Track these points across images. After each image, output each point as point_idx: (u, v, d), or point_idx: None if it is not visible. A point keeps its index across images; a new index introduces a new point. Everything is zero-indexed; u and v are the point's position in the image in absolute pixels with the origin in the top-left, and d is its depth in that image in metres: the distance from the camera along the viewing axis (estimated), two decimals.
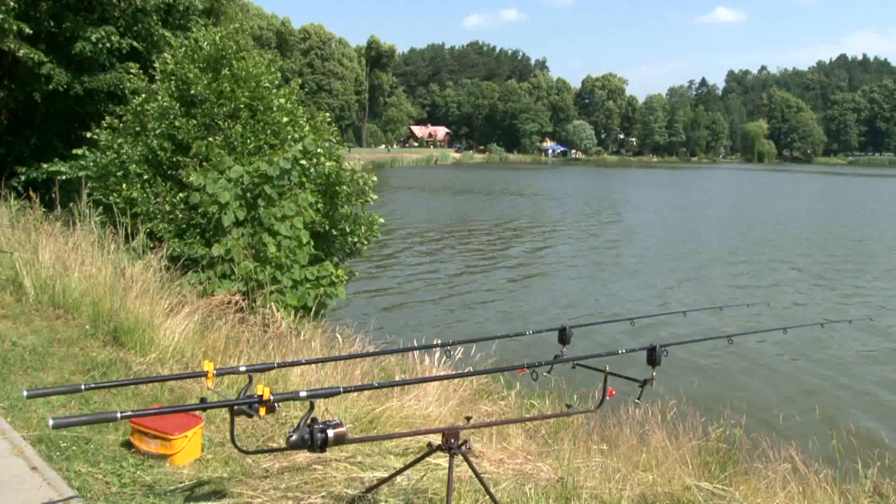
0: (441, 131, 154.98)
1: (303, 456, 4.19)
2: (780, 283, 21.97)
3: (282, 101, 10.86)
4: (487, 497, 3.58)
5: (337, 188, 10.15)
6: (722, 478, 5.01)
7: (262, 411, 2.57)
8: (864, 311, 18.06)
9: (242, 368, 3.06)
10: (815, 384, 12.47)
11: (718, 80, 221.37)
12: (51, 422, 2.19)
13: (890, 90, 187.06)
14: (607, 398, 3.47)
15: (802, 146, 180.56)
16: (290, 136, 10.30)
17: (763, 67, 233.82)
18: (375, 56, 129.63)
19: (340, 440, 2.72)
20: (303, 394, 2.65)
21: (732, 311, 15.83)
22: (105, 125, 11.18)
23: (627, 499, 4.18)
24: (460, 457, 3.16)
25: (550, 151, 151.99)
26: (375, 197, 11.02)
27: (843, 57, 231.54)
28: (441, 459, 3.94)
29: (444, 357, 6.70)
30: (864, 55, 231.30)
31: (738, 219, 43.69)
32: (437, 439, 3.21)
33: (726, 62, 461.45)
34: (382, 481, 3.83)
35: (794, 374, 12.97)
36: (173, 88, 10.53)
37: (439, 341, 4.66)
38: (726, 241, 32.15)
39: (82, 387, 2.65)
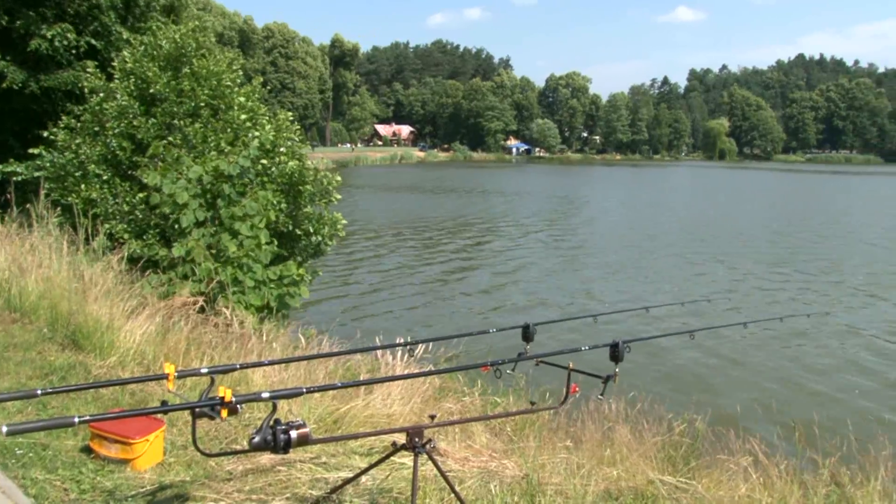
0: (405, 130, 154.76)
1: (267, 457, 4.16)
2: (740, 278, 22.28)
3: (242, 99, 10.75)
4: (453, 495, 3.57)
5: (300, 188, 10.08)
6: (685, 471, 5.06)
7: (224, 413, 2.53)
8: (822, 306, 18.42)
9: (204, 370, 3.02)
10: (775, 377, 12.67)
11: (680, 79, 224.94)
12: (4, 428, 2.14)
13: (846, 89, 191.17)
14: (571, 395, 3.49)
15: (763, 144, 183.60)
16: (250, 135, 10.19)
17: (724, 66, 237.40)
18: (339, 55, 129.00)
19: (304, 441, 2.69)
20: (265, 395, 2.62)
21: (694, 306, 16.01)
22: (62, 125, 10.98)
23: (592, 494, 4.21)
24: (425, 456, 3.16)
25: (514, 150, 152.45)
26: (339, 197, 10.96)
27: (800, 56, 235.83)
28: (406, 458, 3.94)
29: (409, 356, 6.69)
30: (821, 55, 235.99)
31: (699, 215, 44.24)
32: (401, 438, 3.20)
33: (688, 61, 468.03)
34: (347, 481, 3.81)
35: (754, 367, 13.15)
36: (132, 87, 10.38)
37: (403, 340, 4.65)
38: (688, 238, 32.52)
39: (38, 392, 2.59)
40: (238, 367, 3.30)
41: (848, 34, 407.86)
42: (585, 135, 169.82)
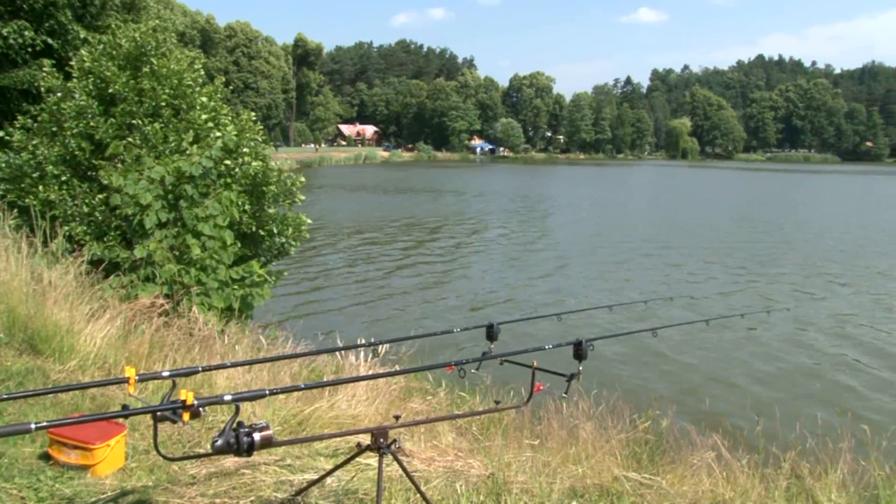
0: (369, 130, 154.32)
1: (231, 461, 4.12)
2: (703, 276, 22.59)
3: (204, 99, 10.62)
4: (418, 495, 3.57)
5: (264, 188, 10.00)
6: (650, 468, 5.12)
7: (186, 417, 2.50)
8: (783, 302, 18.72)
9: (166, 373, 2.97)
10: (737, 373, 12.86)
11: (643, 79, 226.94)
12: None
13: (804, 89, 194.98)
14: (536, 393, 3.51)
15: (724, 143, 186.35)
16: (212, 135, 10.08)
17: (686, 66, 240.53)
18: (302, 54, 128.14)
19: (267, 443, 2.67)
20: (228, 397, 2.60)
21: (657, 304, 16.19)
22: (18, 125, 10.76)
23: (558, 492, 4.23)
24: (390, 456, 3.15)
25: (479, 150, 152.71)
26: (303, 198, 10.89)
27: (760, 57, 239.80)
28: (371, 459, 3.92)
29: (373, 356, 6.67)
30: (780, 56, 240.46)
31: (663, 214, 44.73)
32: (366, 439, 3.19)
33: (650, 61, 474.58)
34: (312, 483, 3.79)
35: (717, 363, 13.34)
36: (91, 87, 10.19)
37: (367, 340, 4.63)
38: (651, 236, 32.85)
39: None
40: (200, 369, 3.27)
41: (804, 36, 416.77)
42: (549, 134, 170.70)
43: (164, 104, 10.19)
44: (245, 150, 10.12)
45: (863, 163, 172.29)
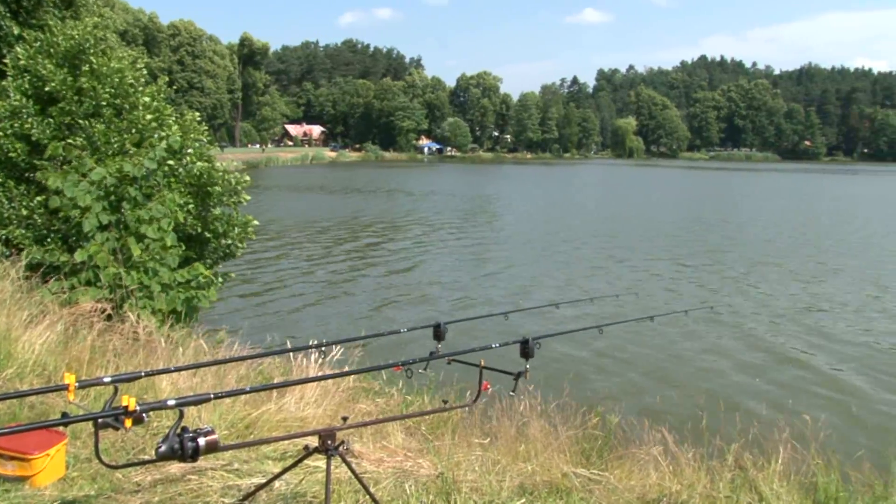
0: (316, 130, 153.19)
1: (176, 467, 4.05)
2: (648, 273, 22.91)
3: (147, 99, 10.42)
4: (368, 497, 3.56)
5: (209, 189, 9.86)
6: (599, 463, 5.19)
7: (129, 423, 2.45)
8: (725, 298, 19.13)
9: (107, 379, 2.91)
10: (682, 368, 13.09)
11: (589, 79, 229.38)
12: None
13: (745, 90, 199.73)
14: (484, 392, 3.52)
15: (669, 142, 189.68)
16: (156, 136, 9.89)
17: (631, 66, 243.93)
18: (248, 54, 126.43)
19: (213, 448, 2.64)
20: (171, 402, 2.56)
21: (603, 301, 16.37)
22: None
23: (507, 490, 4.26)
24: (338, 458, 3.13)
25: (426, 149, 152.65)
26: (248, 198, 10.75)
27: (703, 58, 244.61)
28: (319, 462, 3.90)
29: (321, 358, 6.63)
30: (722, 57, 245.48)
31: (608, 212, 45.29)
32: (313, 441, 3.17)
33: (596, 61, 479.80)
34: (260, 487, 3.75)
35: (663, 359, 13.55)
36: (26, 86, 9.92)
37: (316, 342, 4.60)
38: (598, 234, 33.21)
39: None
40: (143, 374, 3.21)
41: (744, 37, 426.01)
42: (497, 134, 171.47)
43: (104, 104, 9.96)
44: (190, 150, 9.96)
45: (801, 161, 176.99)
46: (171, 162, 9.13)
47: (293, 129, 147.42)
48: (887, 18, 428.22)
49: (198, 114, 11.55)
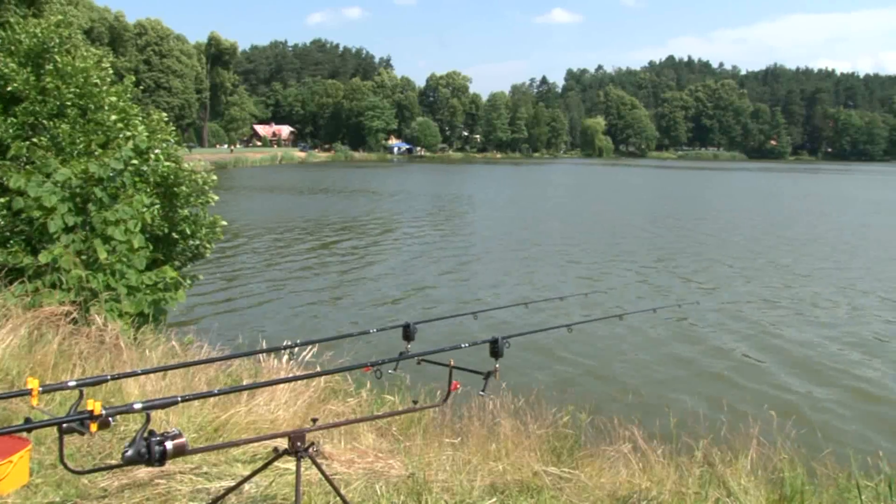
0: (285, 130, 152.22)
1: (144, 471, 4.00)
2: (617, 272, 23.09)
3: (112, 99, 10.29)
4: (338, 498, 3.55)
5: (175, 189, 9.76)
6: (569, 461, 5.21)
7: (94, 427, 2.42)
8: (695, 295, 19.33)
9: (72, 383, 2.86)
10: (652, 366, 13.20)
11: (558, 79, 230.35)
12: None
13: (712, 90, 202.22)
14: (454, 391, 3.52)
15: (637, 141, 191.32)
16: (121, 136, 9.77)
17: (600, 67, 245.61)
18: (216, 53, 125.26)
19: (181, 451, 2.61)
20: (138, 406, 2.52)
21: (573, 300, 16.50)
22: None
23: (478, 489, 4.27)
24: (308, 460, 3.12)
25: (396, 149, 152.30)
26: (216, 197, 10.66)
27: (671, 58, 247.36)
28: (290, 464, 3.87)
29: (291, 359, 6.59)
30: (689, 57, 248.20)
31: (578, 210, 45.55)
32: (283, 443, 3.15)
33: (565, 61, 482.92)
34: (229, 490, 3.71)
35: (632, 357, 13.66)
36: None
37: (286, 343, 4.58)
38: (567, 232, 33.41)
39: None
40: (109, 378, 3.16)
41: (711, 38, 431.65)
42: (466, 134, 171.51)
43: (69, 104, 9.83)
44: (157, 151, 9.85)
45: (768, 160, 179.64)
46: (135, 161, 9.02)
47: (262, 130, 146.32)
48: (847, 21, 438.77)
49: (165, 114, 11.43)
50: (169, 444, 2.56)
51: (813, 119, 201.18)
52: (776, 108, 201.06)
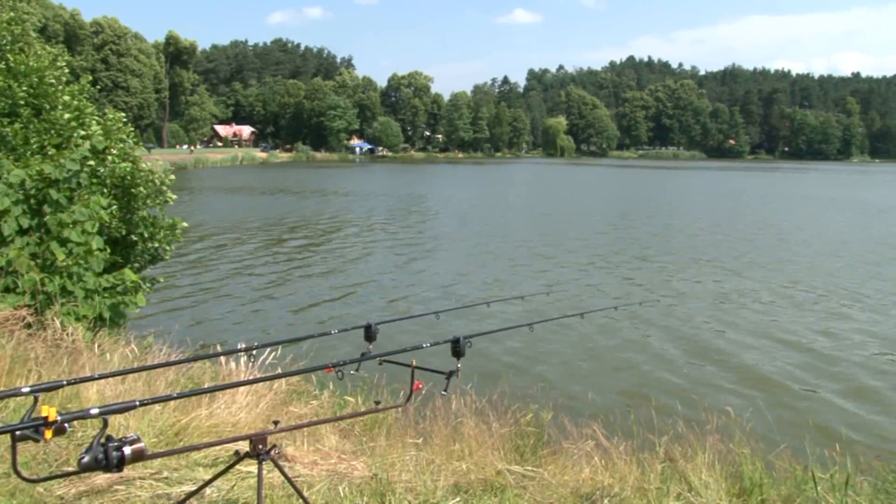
0: (246, 130, 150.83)
1: (102, 478, 3.94)
2: (578, 270, 23.26)
3: (67, 98, 10.10)
4: (301, 501, 3.53)
5: (133, 190, 9.61)
6: (532, 460, 5.24)
7: (49, 434, 2.37)
8: (655, 293, 19.55)
9: (26, 389, 2.81)
10: (613, 363, 13.33)
11: (520, 79, 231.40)
12: None
13: (672, 90, 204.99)
14: (417, 391, 3.52)
15: (599, 141, 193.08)
16: (76, 136, 9.60)
17: (561, 66, 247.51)
18: (175, 53, 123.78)
19: (139, 456, 2.57)
20: (94, 411, 2.48)
21: (534, 299, 16.59)
22: None
23: (442, 489, 4.27)
24: (271, 462, 3.09)
25: (358, 149, 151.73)
26: (174, 197, 10.52)
27: (631, 58, 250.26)
28: (252, 467, 3.84)
29: (253, 362, 6.53)
30: (650, 57, 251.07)
31: (539, 210, 45.78)
32: (245, 446, 3.13)
33: (527, 61, 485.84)
34: (190, 495, 3.66)
35: (594, 355, 13.77)
36: None
37: (247, 345, 4.53)
38: (527, 232, 33.60)
39: None
40: (65, 383, 3.11)
41: (671, 39, 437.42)
42: (428, 133, 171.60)
43: (22, 103, 9.63)
44: (114, 151, 9.69)
45: (726, 159, 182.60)
46: (91, 163, 8.86)
47: (222, 130, 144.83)
48: (802, 23, 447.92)
49: (123, 114, 11.25)
50: (127, 450, 2.52)
51: (770, 119, 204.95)
52: (734, 108, 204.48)
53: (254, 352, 4.49)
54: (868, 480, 5.32)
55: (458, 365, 3.44)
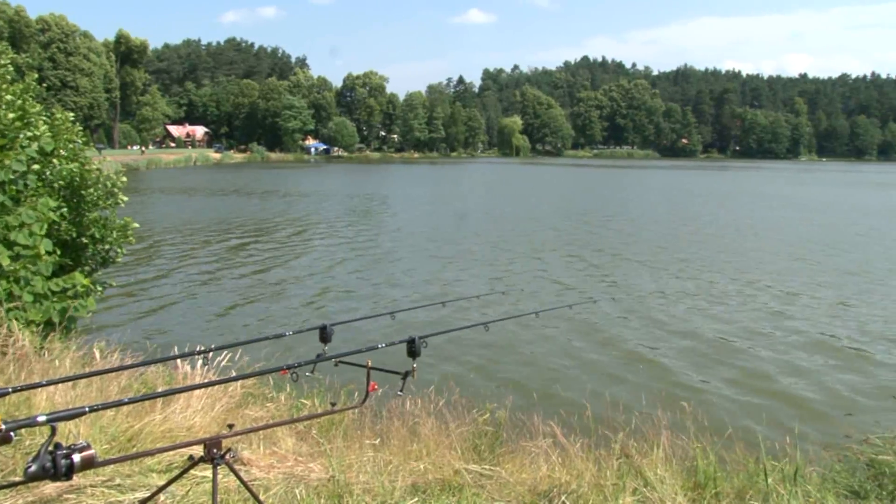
0: (200, 131, 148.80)
1: (52, 487, 3.85)
2: (534, 269, 23.42)
3: (10, 97, 9.83)
4: None
5: (83, 192, 9.41)
6: (490, 458, 5.25)
7: None
8: (609, 291, 19.76)
9: None
10: (568, 361, 13.43)
11: (475, 78, 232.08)
12: None
13: (626, 89, 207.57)
14: (374, 392, 3.50)
15: (554, 140, 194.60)
16: (22, 136, 9.35)
17: (516, 66, 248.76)
18: (126, 52, 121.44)
19: (89, 464, 2.51)
20: (41, 418, 2.42)
21: (489, 298, 16.65)
22: None
23: (400, 489, 4.27)
24: (226, 466, 3.05)
25: (313, 150, 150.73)
26: (126, 198, 10.32)
27: (585, 58, 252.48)
28: (207, 472, 3.79)
29: (208, 365, 6.45)
30: (603, 57, 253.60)
31: (494, 209, 45.97)
32: (199, 451, 3.08)
33: (482, 61, 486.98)
34: (143, 502, 3.61)
35: (549, 353, 13.86)
36: None
37: (201, 348, 4.48)
38: (482, 231, 33.69)
39: None
40: (11, 390, 3.03)
41: (624, 39, 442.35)
42: (384, 133, 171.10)
43: None
44: (62, 152, 9.48)
45: (679, 158, 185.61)
46: (36, 166, 8.65)
47: (175, 130, 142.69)
48: (751, 24, 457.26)
49: (71, 114, 11.00)
50: (76, 457, 2.46)
51: (721, 118, 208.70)
52: (687, 108, 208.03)
53: (209, 354, 4.43)
54: (817, 471, 5.45)
55: (414, 365, 3.44)
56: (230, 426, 3.33)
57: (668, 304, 18.15)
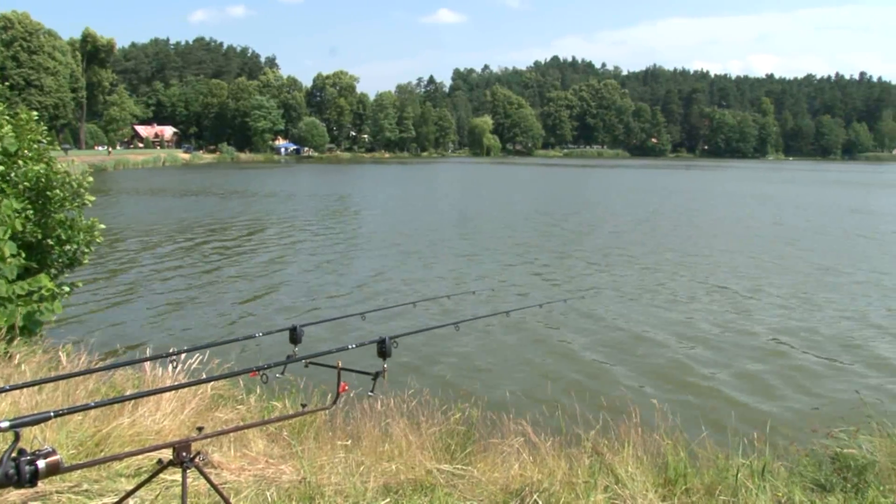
0: (168, 131, 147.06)
1: (16, 494, 3.79)
2: (503, 269, 23.46)
3: None
4: None
5: (49, 193, 9.27)
6: (462, 458, 5.26)
7: None
8: (579, 290, 19.87)
9: None
10: (539, 360, 13.49)
11: (446, 78, 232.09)
12: None
13: (595, 89, 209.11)
14: (343, 393, 3.50)
15: (524, 140, 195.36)
16: None
17: (486, 66, 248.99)
18: (92, 51, 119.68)
19: (55, 470, 2.47)
20: (4, 424, 2.38)
21: (460, 298, 16.64)
22: None
23: (372, 490, 4.26)
24: (195, 470, 3.03)
25: (283, 150, 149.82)
26: (93, 198, 10.17)
27: (555, 58, 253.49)
28: (177, 475, 3.76)
29: (177, 367, 6.38)
30: (574, 57, 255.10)
31: (464, 209, 46.05)
32: (168, 454, 3.05)
33: (452, 61, 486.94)
34: None
35: (520, 352, 13.90)
36: None
37: (170, 350, 4.43)
38: (453, 231, 33.74)
39: None
40: None
41: (594, 39, 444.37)
42: (354, 133, 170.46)
43: None
44: (28, 153, 9.33)
45: (649, 158, 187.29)
46: (0, 168, 8.52)
47: (143, 131, 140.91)
48: (718, 25, 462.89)
49: (36, 113, 10.82)
50: (41, 463, 2.42)
51: (690, 118, 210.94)
52: (656, 108, 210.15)
53: (181, 356, 4.39)
54: (784, 465, 5.53)
55: (385, 365, 3.44)
56: (200, 429, 3.31)
57: (638, 303, 18.30)
